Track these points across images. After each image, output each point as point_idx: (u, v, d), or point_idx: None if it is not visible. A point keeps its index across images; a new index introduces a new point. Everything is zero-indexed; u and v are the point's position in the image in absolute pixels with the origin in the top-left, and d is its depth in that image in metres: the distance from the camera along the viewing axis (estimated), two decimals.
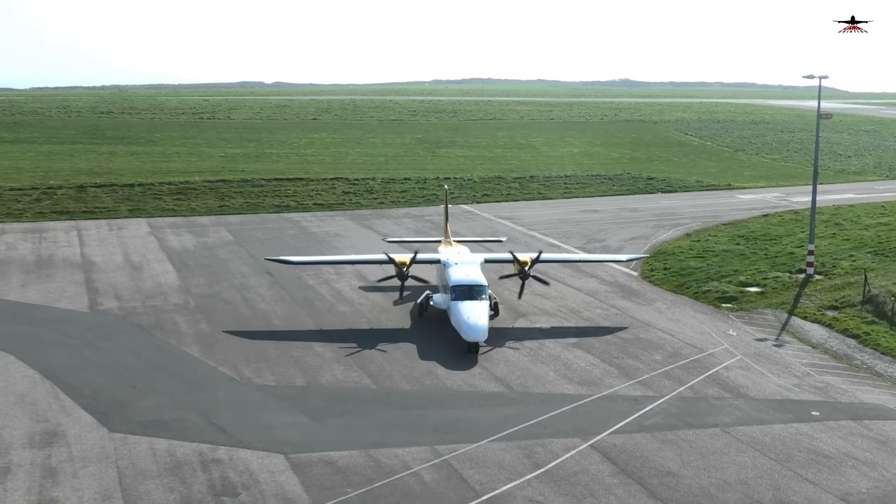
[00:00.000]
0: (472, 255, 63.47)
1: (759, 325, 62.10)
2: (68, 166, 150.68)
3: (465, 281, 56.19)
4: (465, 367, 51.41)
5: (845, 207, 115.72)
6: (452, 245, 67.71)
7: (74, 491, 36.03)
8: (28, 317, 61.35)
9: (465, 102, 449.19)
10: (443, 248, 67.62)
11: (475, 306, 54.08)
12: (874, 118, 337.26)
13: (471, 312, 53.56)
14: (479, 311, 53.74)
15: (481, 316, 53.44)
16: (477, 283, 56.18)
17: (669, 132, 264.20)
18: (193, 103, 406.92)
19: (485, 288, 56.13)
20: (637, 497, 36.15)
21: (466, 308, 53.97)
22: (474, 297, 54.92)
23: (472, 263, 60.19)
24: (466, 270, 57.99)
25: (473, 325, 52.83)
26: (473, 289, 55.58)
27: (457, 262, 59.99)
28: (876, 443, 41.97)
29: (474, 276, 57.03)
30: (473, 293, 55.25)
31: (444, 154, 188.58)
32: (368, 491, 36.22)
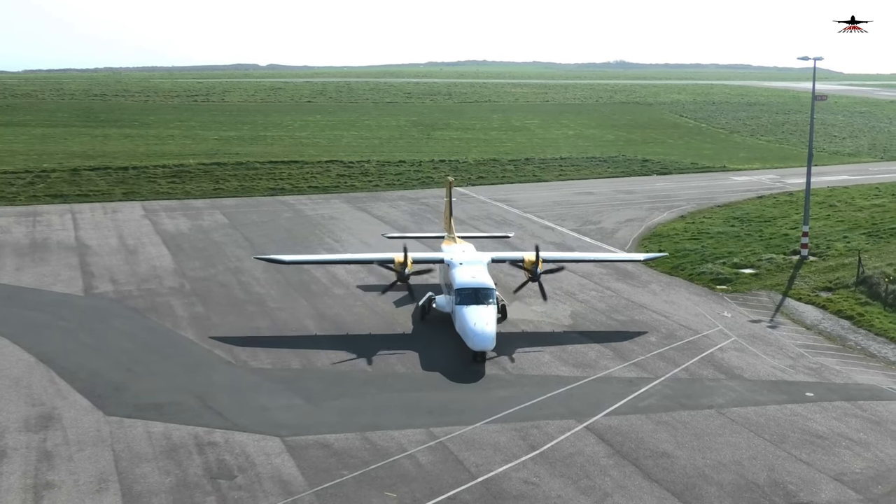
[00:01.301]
0: (478, 254, 58.27)
1: (753, 306, 62.23)
2: (62, 149, 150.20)
3: (470, 283, 51.52)
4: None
5: (840, 189, 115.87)
6: (457, 242, 62.52)
7: (70, 474, 36.07)
8: (23, 300, 61.27)
9: (460, 85, 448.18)
10: (446, 245, 62.40)
11: (482, 311, 49.46)
12: (869, 99, 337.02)
13: (477, 318, 48.87)
14: (487, 317, 49.05)
15: (488, 322, 48.69)
16: (484, 286, 51.46)
17: (664, 114, 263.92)
18: (187, 86, 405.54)
19: (492, 291, 51.57)
20: (632, 478, 36.28)
21: (472, 313, 49.31)
22: (481, 302, 50.23)
23: (478, 263, 55.18)
24: (472, 271, 53.20)
25: (480, 332, 48.14)
26: (480, 292, 50.87)
27: (462, 261, 55.12)
28: (869, 423, 42.13)
29: (481, 279, 52.29)
30: (480, 297, 50.56)
31: (439, 136, 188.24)
32: (364, 473, 36.31)
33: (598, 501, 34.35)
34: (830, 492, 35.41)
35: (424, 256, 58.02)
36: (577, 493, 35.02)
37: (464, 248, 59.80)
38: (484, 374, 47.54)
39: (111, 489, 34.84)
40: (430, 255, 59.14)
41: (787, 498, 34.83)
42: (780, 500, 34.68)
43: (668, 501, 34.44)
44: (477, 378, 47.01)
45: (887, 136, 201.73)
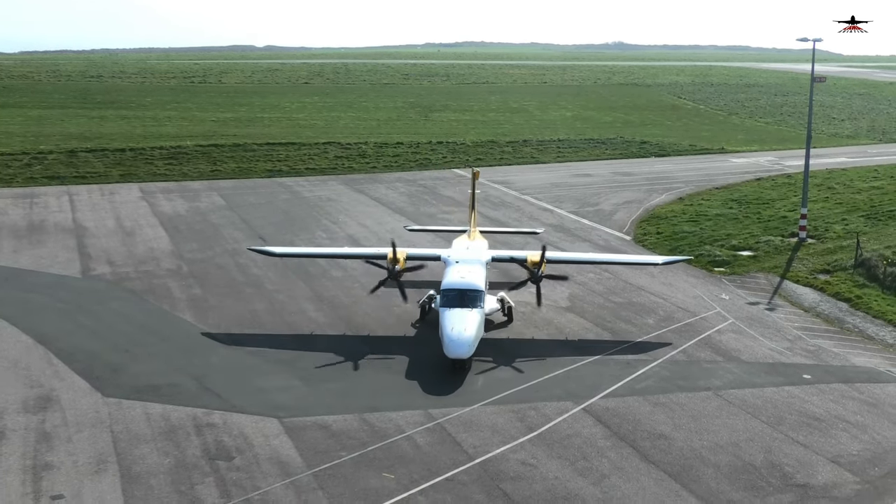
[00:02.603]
0: (481, 252, 53.65)
1: (751, 288, 62.28)
2: (59, 131, 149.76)
3: (456, 284, 47.76)
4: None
5: (838, 171, 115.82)
6: (470, 238, 58.70)
7: (69, 455, 36.14)
8: (20, 282, 61.23)
9: (458, 66, 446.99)
10: (457, 241, 58.24)
11: (464, 316, 45.64)
12: (868, 81, 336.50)
13: (455, 322, 45.16)
14: (467, 322, 45.22)
15: (468, 328, 44.85)
16: (471, 288, 47.46)
17: (663, 96, 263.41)
18: (184, 67, 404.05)
19: (481, 294, 47.55)
20: (629, 460, 36.38)
21: (452, 317, 45.63)
22: (466, 305, 46.44)
23: (474, 263, 50.93)
24: (463, 271, 49.29)
25: (455, 338, 44.43)
26: (466, 294, 47.04)
27: (458, 259, 51.30)
28: (866, 405, 42.23)
29: (470, 279, 48.20)
30: (465, 300, 46.76)
31: (437, 118, 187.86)
32: (362, 454, 36.39)
33: (596, 483, 34.45)
34: (827, 474, 35.53)
35: (420, 253, 53.86)
36: (574, 474, 35.11)
37: (468, 245, 55.71)
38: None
39: (110, 470, 34.91)
40: (426, 252, 54.58)
41: (784, 479, 34.95)
42: (777, 481, 34.80)
43: (665, 483, 34.55)
44: (475, 361, 47.00)
45: (886, 119, 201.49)
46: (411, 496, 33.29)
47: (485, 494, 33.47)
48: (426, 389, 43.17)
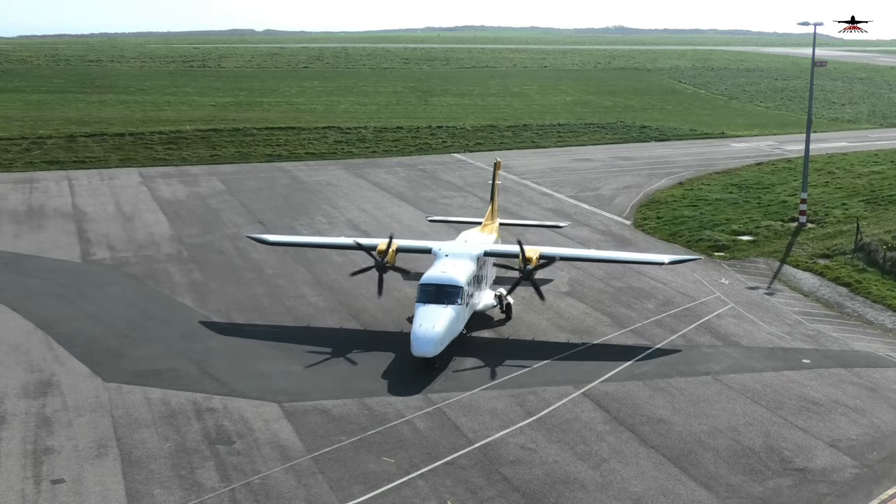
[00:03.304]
0: (474, 246, 50.88)
1: (751, 273, 62.29)
2: (58, 115, 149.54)
3: (434, 279, 45.76)
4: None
5: (838, 156, 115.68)
6: (481, 230, 56.79)
7: (69, 440, 36.21)
8: (20, 267, 61.23)
9: (458, 50, 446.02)
10: (463, 233, 56.16)
11: (436, 312, 43.82)
12: (869, 66, 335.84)
13: (424, 319, 43.45)
14: (437, 319, 43.40)
15: (437, 325, 42.99)
16: (449, 283, 45.41)
17: (663, 80, 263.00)
18: (183, 51, 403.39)
19: (459, 290, 45.25)
20: (628, 444, 36.45)
21: (424, 313, 43.90)
22: (441, 301, 44.50)
23: (463, 257, 48.49)
24: (447, 265, 47.23)
25: (420, 335, 42.64)
26: (443, 289, 45.07)
27: (448, 253, 49.02)
28: (866, 390, 42.29)
29: (451, 274, 46.04)
30: (442, 295, 44.80)
31: (437, 103, 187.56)
32: (362, 439, 36.46)
33: (595, 467, 34.53)
34: (826, 458, 35.60)
35: (412, 245, 52.07)
36: (573, 458, 35.19)
37: (468, 238, 53.86)
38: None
39: (110, 454, 34.99)
40: (418, 244, 52.43)
41: (783, 464, 35.03)
42: (776, 465, 34.88)
43: (664, 467, 34.63)
44: (475, 346, 47.05)
45: (887, 103, 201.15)
46: (411, 480, 33.37)
47: (484, 478, 33.56)
48: (424, 372, 43.17)
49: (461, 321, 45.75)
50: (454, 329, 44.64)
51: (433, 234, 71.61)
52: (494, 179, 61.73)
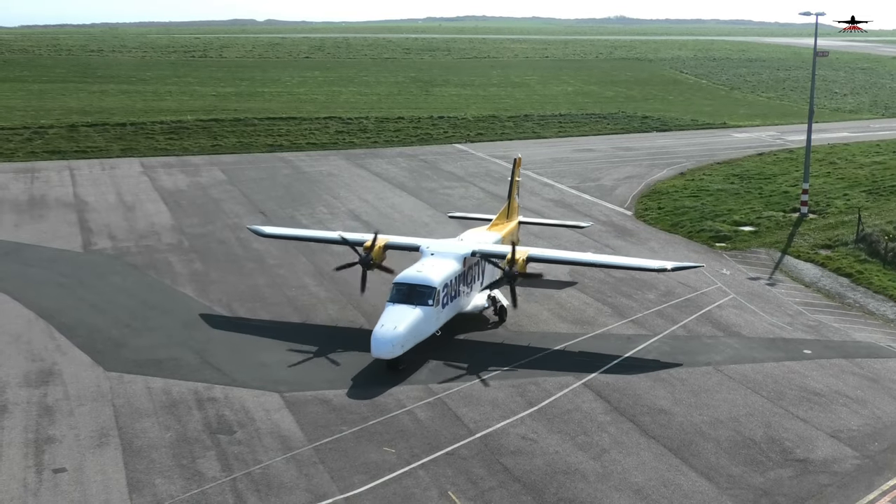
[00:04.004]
0: (462, 246, 48.76)
1: (752, 264, 62.27)
2: (59, 105, 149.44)
3: (408, 278, 44.16)
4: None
5: (840, 146, 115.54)
6: (489, 229, 54.83)
7: (71, 429, 36.25)
8: (22, 256, 61.24)
9: (459, 41, 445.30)
10: (466, 232, 54.36)
11: (402, 313, 42.23)
12: (871, 56, 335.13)
13: (388, 319, 41.84)
14: (402, 320, 41.68)
15: (399, 325, 41.34)
16: (422, 283, 43.68)
17: (665, 70, 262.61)
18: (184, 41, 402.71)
19: (432, 291, 43.45)
20: (629, 434, 36.47)
21: (389, 313, 42.32)
22: (411, 301, 42.89)
23: (447, 256, 46.75)
24: (426, 265, 45.59)
25: (379, 336, 41.06)
26: (415, 289, 43.45)
27: (434, 252, 47.44)
28: (867, 381, 42.29)
29: (427, 273, 44.33)
30: (413, 295, 43.18)
31: (438, 93, 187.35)
32: (363, 429, 36.48)
33: (596, 457, 34.56)
34: (827, 449, 35.63)
35: (401, 242, 50.45)
36: (574, 448, 35.22)
37: (464, 237, 52.03)
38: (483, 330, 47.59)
39: (112, 444, 35.03)
40: (407, 242, 50.70)
41: (784, 454, 35.05)
42: (777, 456, 34.90)
43: (665, 457, 34.65)
44: (475, 336, 47.04)
45: (889, 93, 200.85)
46: (412, 470, 33.40)
47: (485, 469, 33.59)
48: (426, 363, 43.19)
49: (432, 323, 43.64)
50: (421, 331, 42.67)
51: (437, 227, 71.69)
52: (513, 177, 59.08)
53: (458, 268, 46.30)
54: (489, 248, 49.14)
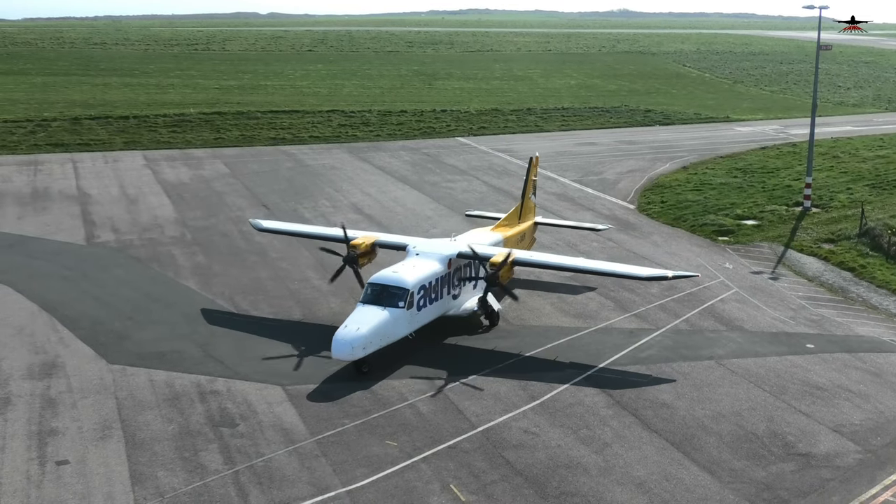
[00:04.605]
0: (449, 246, 47.39)
1: (755, 258, 62.21)
2: (62, 98, 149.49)
3: (381, 279, 42.92)
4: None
5: (843, 140, 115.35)
6: (494, 229, 53.45)
7: (74, 421, 36.30)
8: (25, 249, 61.31)
9: (462, 34, 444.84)
10: (474, 230, 53.81)
11: (370, 314, 41.07)
12: (874, 49, 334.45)
13: (353, 320, 40.80)
14: (367, 322, 40.51)
15: (362, 327, 40.13)
16: (395, 284, 42.48)
17: (668, 64, 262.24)
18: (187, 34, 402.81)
19: (404, 293, 42.18)
20: (631, 428, 36.47)
21: (356, 314, 41.33)
22: (381, 303, 41.73)
23: (431, 257, 45.50)
24: (404, 265, 44.48)
25: (339, 337, 39.89)
26: (387, 290, 42.27)
27: (419, 252, 46.31)
28: (869, 375, 42.26)
29: (401, 275, 43.02)
30: (384, 296, 42.02)
31: (441, 86, 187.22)
32: (365, 422, 36.51)
33: (598, 451, 34.56)
34: (829, 443, 35.61)
35: (389, 241, 49.56)
36: (576, 442, 35.23)
37: (460, 237, 50.72)
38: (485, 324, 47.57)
39: (114, 436, 35.08)
40: (396, 240, 49.65)
41: (786, 449, 35.04)
42: (779, 450, 34.89)
43: (667, 451, 34.66)
44: (478, 329, 47.04)
45: (892, 87, 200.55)
46: (414, 464, 33.42)
47: (487, 462, 33.61)
48: (428, 357, 43.22)
49: (402, 326, 42.32)
50: (387, 333, 41.32)
51: (439, 220, 71.71)
52: (528, 176, 57.38)
53: (439, 269, 44.98)
54: (478, 249, 46.48)
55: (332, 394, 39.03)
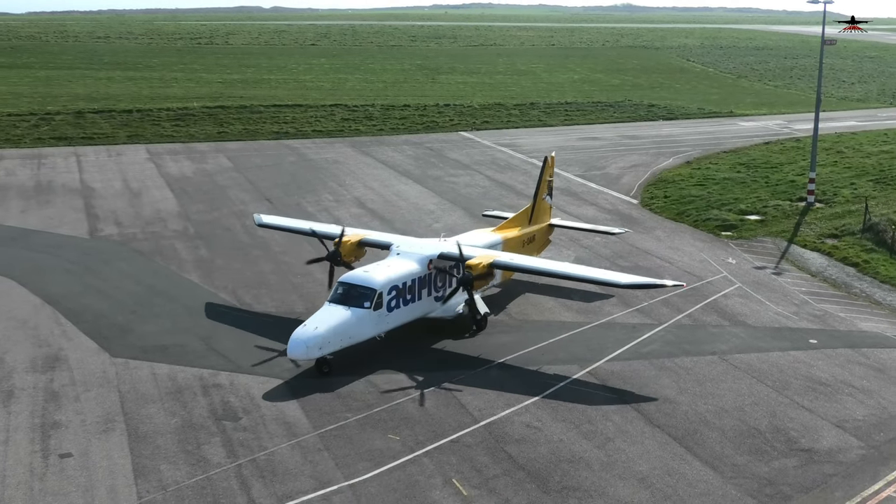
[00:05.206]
0: (431, 247, 45.96)
1: (758, 253, 62.16)
2: (66, 92, 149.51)
3: (350, 278, 42.27)
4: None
5: (847, 135, 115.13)
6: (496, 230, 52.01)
7: (77, 414, 36.35)
8: (28, 242, 61.36)
9: (466, 28, 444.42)
10: (474, 231, 53.06)
11: (332, 314, 40.52)
12: (879, 44, 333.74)
13: (313, 319, 40.42)
14: (326, 322, 39.97)
15: (320, 327, 39.64)
16: (362, 284, 41.58)
17: (671, 58, 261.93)
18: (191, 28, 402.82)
19: (371, 293, 41.17)
20: (634, 423, 36.45)
21: (319, 313, 40.98)
22: (346, 302, 41.00)
23: (410, 257, 44.49)
24: (378, 265, 43.68)
25: (295, 336, 39.57)
26: (354, 290, 41.46)
27: (400, 252, 45.26)
28: (873, 370, 42.23)
29: (371, 275, 42.13)
30: (350, 296, 41.24)
31: (444, 80, 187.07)
32: (368, 416, 36.53)
33: (600, 446, 34.56)
34: (832, 438, 35.59)
35: (376, 239, 48.36)
36: (579, 437, 35.23)
37: (447, 238, 49.08)
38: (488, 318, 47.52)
39: (117, 429, 35.12)
40: (381, 239, 48.28)
41: (789, 444, 35.03)
42: (782, 446, 34.87)
43: (669, 446, 34.65)
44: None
45: None
46: (416, 458, 33.44)
47: (489, 456, 33.62)
48: (432, 351, 43.22)
49: (367, 327, 41.32)
50: (349, 334, 40.54)
51: (442, 214, 71.69)
52: (542, 176, 55.66)
53: (416, 270, 43.88)
54: (458, 251, 44.53)
55: (334, 388, 39.04)
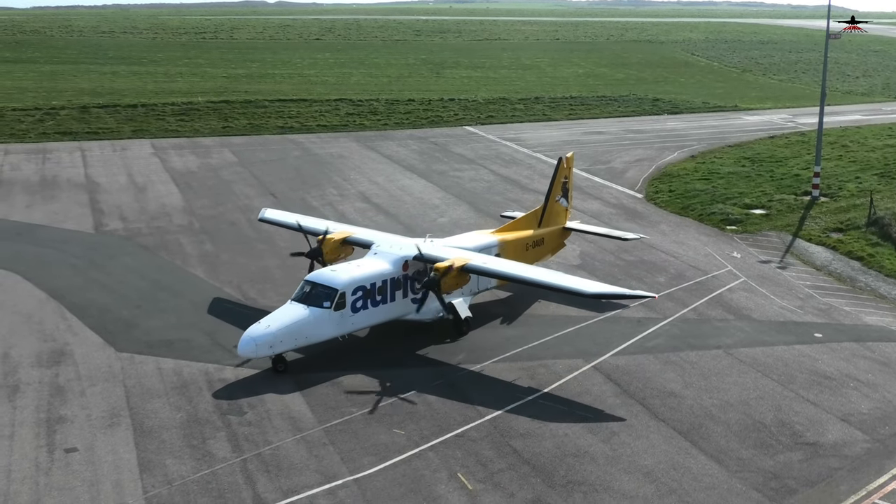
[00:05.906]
0: (408, 248, 44.42)
1: (763, 247, 62.10)
2: (71, 86, 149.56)
3: (314, 277, 41.74)
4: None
5: (852, 129, 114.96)
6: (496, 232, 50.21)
7: (82, 409, 36.41)
8: (33, 237, 61.44)
9: (470, 22, 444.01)
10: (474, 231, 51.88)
11: (290, 313, 39.97)
12: (884, 38, 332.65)
13: (269, 317, 39.92)
14: (280, 320, 39.41)
15: (272, 325, 39.12)
16: (325, 283, 40.89)
17: (676, 53, 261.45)
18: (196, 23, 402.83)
19: (333, 293, 40.40)
20: (639, 417, 36.46)
21: (277, 311, 40.51)
22: (307, 301, 40.41)
23: (385, 257, 43.60)
24: (348, 265, 43.02)
25: (246, 334, 39.16)
26: (317, 289, 40.79)
27: (377, 252, 44.27)
28: (878, 364, 42.19)
29: (336, 274, 41.41)
30: (312, 296, 40.60)
31: (449, 75, 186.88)
32: (373, 410, 36.56)
33: (605, 440, 34.57)
34: (837, 432, 35.57)
35: (359, 238, 47.03)
36: (584, 431, 35.23)
37: (437, 240, 47.29)
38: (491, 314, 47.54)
39: (123, 424, 35.18)
40: (365, 238, 46.86)
41: (794, 438, 35.01)
42: (787, 439, 34.86)
43: (674, 440, 34.65)
44: (485, 319, 47.01)
45: None
46: (421, 452, 33.46)
47: (495, 451, 33.63)
48: (435, 347, 43.23)
49: (325, 327, 40.54)
50: (305, 334, 39.89)
51: (446, 209, 71.69)
52: (556, 177, 53.25)
53: (389, 270, 42.88)
54: (431, 252, 43.77)
55: (339, 382, 39.07)
